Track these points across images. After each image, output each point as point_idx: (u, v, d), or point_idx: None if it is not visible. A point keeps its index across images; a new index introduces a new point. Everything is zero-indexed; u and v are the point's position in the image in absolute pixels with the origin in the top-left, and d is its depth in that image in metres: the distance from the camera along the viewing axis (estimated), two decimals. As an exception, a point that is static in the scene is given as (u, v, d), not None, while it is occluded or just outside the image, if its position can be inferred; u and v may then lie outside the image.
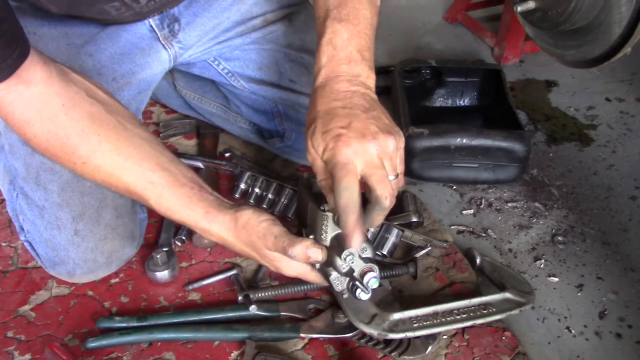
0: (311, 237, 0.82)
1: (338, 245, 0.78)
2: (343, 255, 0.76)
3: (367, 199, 0.78)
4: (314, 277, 0.84)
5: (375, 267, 0.78)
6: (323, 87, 0.81)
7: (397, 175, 0.78)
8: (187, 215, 0.84)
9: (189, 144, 1.36)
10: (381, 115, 0.80)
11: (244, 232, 0.82)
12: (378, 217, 0.79)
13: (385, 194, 0.75)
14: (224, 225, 0.83)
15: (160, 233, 1.11)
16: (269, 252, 0.81)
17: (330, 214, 0.80)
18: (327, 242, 0.81)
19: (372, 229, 1.07)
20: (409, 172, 1.30)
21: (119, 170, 0.82)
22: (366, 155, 0.75)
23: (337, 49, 0.81)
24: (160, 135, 1.36)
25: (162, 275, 1.04)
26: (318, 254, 0.78)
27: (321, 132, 0.77)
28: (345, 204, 0.73)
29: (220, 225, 0.83)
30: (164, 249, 1.05)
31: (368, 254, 0.80)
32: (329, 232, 0.81)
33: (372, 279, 0.77)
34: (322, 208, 0.81)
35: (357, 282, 0.77)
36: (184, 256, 1.10)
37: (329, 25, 0.82)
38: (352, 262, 0.78)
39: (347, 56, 0.81)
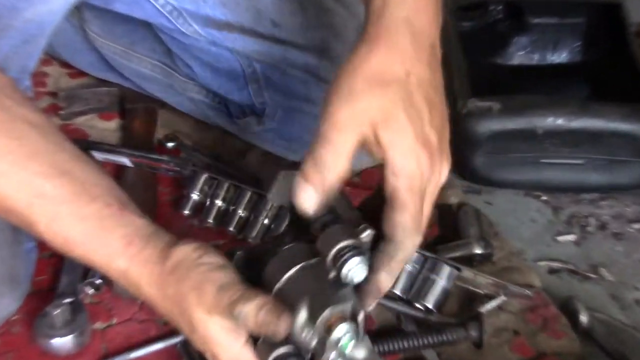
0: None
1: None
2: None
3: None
4: None
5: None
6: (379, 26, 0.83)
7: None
8: (94, 251, 0.84)
9: (107, 127, 1.36)
10: (447, 123, 0.84)
11: (172, 279, 0.80)
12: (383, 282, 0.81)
13: (410, 230, 0.78)
14: (147, 266, 0.82)
15: (59, 274, 1.11)
16: (203, 319, 0.79)
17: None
18: None
19: (408, 267, 1.07)
20: (469, 173, 1.31)
21: None
22: (411, 161, 0.78)
23: None
24: (62, 113, 1.37)
25: (63, 343, 1.03)
26: (279, 324, 0.75)
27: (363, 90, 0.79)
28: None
29: (142, 267, 0.82)
30: (66, 300, 1.05)
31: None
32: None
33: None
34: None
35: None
36: (100, 312, 1.10)
37: None
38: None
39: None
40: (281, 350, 0.78)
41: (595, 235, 1.27)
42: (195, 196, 1.16)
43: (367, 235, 0.81)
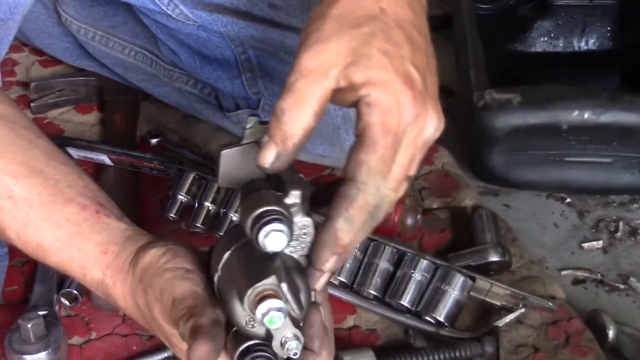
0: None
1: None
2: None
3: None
4: None
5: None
6: None
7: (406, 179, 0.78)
8: (70, 259, 0.85)
9: (84, 121, 1.36)
10: (435, 71, 0.81)
11: (140, 289, 0.82)
12: (344, 236, 0.76)
13: (373, 177, 0.75)
14: (120, 275, 0.83)
15: (32, 283, 1.11)
16: (173, 331, 0.80)
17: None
18: None
19: (417, 276, 1.08)
20: (485, 172, 1.30)
21: None
22: (389, 95, 0.75)
23: None
24: (33, 105, 1.37)
25: (36, 359, 1.03)
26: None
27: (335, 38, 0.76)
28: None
29: (116, 277, 0.83)
30: (40, 312, 1.05)
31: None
32: None
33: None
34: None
35: None
36: (77, 325, 1.10)
37: None
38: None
39: None
40: (248, 343, 0.78)
41: (624, 242, 1.26)
42: (182, 198, 1.15)
43: (291, 196, 0.76)
